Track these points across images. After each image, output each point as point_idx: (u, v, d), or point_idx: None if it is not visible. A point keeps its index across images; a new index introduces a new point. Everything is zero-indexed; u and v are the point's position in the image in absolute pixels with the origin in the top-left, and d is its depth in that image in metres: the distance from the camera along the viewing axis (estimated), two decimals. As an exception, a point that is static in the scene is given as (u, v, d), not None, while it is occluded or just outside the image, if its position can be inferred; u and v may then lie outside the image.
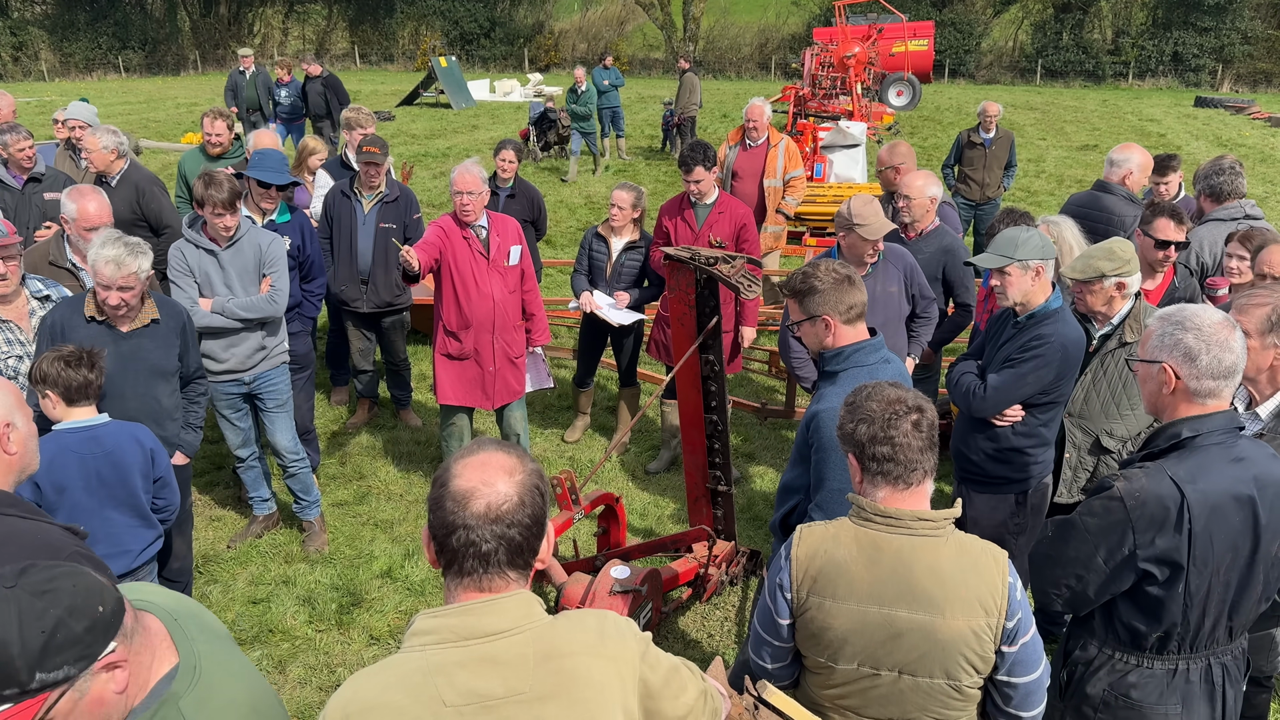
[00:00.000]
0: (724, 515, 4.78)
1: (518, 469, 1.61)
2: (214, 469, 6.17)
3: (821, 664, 2.32)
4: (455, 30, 43.45)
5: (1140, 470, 2.51)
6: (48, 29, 40.92)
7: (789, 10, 42.06)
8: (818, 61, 20.70)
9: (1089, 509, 2.57)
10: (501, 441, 1.67)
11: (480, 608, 1.57)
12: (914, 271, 4.89)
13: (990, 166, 9.79)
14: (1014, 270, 3.64)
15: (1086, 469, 4.07)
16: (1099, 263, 3.81)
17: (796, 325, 3.16)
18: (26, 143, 6.08)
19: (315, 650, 4.47)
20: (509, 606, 1.59)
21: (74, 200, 4.55)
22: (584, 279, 6.13)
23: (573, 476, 4.56)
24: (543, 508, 1.63)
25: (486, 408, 5.51)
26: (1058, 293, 3.74)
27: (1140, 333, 3.89)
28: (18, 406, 2.30)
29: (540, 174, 16.56)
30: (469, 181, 5.14)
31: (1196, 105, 28.47)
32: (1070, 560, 2.58)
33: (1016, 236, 3.66)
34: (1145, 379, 2.61)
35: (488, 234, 5.29)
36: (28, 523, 2.17)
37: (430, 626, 1.57)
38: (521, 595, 1.61)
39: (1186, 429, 2.49)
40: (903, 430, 2.20)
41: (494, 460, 1.61)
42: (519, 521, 1.58)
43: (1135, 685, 2.59)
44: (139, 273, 3.81)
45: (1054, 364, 3.64)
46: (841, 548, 2.25)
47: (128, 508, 3.52)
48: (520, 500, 1.58)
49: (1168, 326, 2.52)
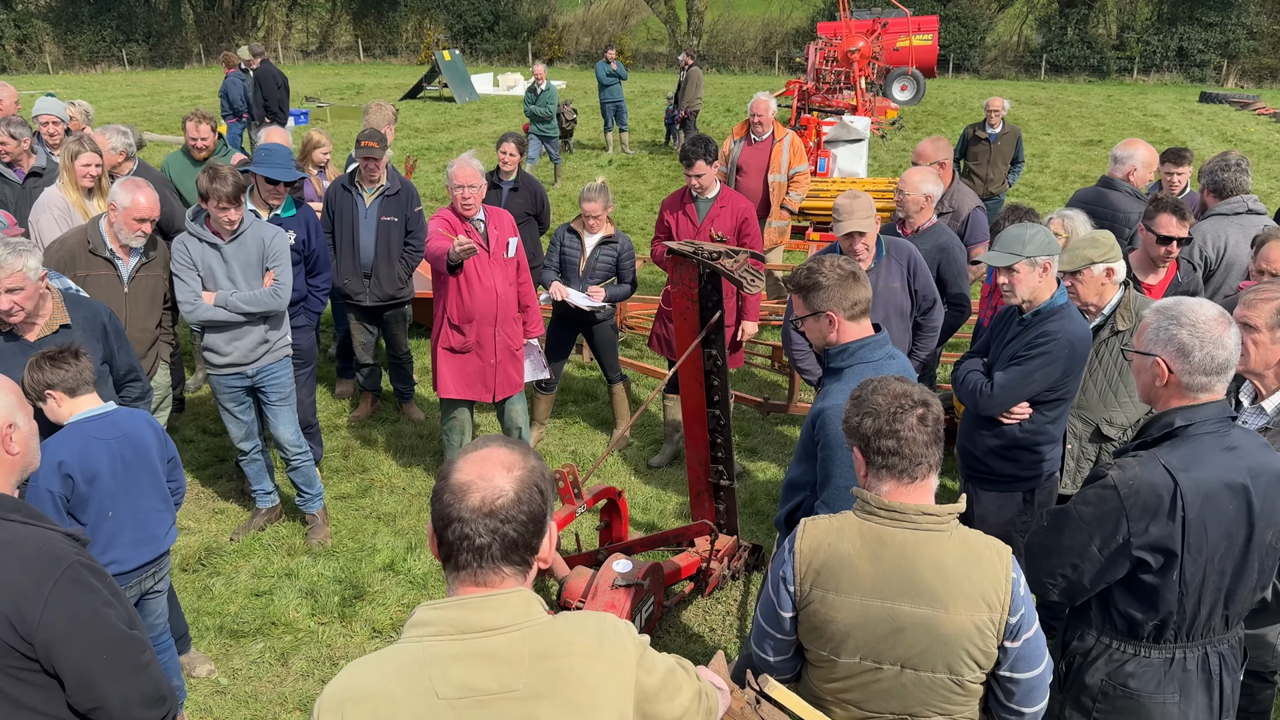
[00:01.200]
0: (726, 510, 4.78)
1: (517, 465, 1.61)
2: (217, 462, 6.19)
3: (824, 657, 2.32)
4: (459, 24, 43.41)
5: (1134, 459, 2.54)
6: (52, 21, 40.91)
7: (793, 4, 41.96)
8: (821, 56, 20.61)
9: (1083, 498, 2.59)
10: (508, 439, 1.67)
11: (479, 602, 1.57)
12: (917, 266, 4.82)
13: (995, 162, 9.78)
14: (1022, 268, 3.64)
15: (1089, 458, 4.09)
16: (1085, 251, 3.91)
17: (800, 320, 3.16)
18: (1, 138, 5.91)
19: (318, 643, 4.49)
20: (508, 603, 1.59)
21: (128, 191, 4.54)
22: (553, 273, 6.10)
23: (575, 470, 4.56)
24: (542, 505, 1.62)
25: (488, 400, 5.51)
26: (1063, 289, 3.74)
27: (1131, 320, 3.93)
28: (19, 406, 2.28)
29: (543, 168, 16.54)
30: (468, 175, 5.14)
31: (1201, 101, 28.41)
32: (1065, 549, 2.60)
33: (1023, 234, 3.66)
34: (1139, 370, 2.64)
35: (486, 227, 5.30)
36: (31, 529, 2.14)
37: (429, 618, 1.58)
38: (521, 593, 1.61)
39: (1179, 418, 2.52)
40: (908, 424, 2.21)
41: (494, 456, 1.61)
42: (513, 517, 1.57)
43: (1133, 675, 2.61)
44: (26, 272, 3.58)
45: (1061, 360, 3.62)
46: (845, 541, 2.26)
47: (152, 491, 3.53)
48: (516, 496, 1.58)
49: (1162, 320, 2.54)
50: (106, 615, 2.18)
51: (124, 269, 4.72)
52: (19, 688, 2.09)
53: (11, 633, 2.05)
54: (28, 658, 2.08)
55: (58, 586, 2.09)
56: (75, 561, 2.15)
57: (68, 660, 2.11)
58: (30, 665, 2.09)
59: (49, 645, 2.08)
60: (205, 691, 4.16)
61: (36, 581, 2.07)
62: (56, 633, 2.08)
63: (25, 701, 2.10)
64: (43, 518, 2.22)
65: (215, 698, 4.14)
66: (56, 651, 2.09)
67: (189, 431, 6.55)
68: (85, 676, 2.13)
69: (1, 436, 2.22)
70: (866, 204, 4.52)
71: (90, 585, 2.16)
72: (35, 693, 2.11)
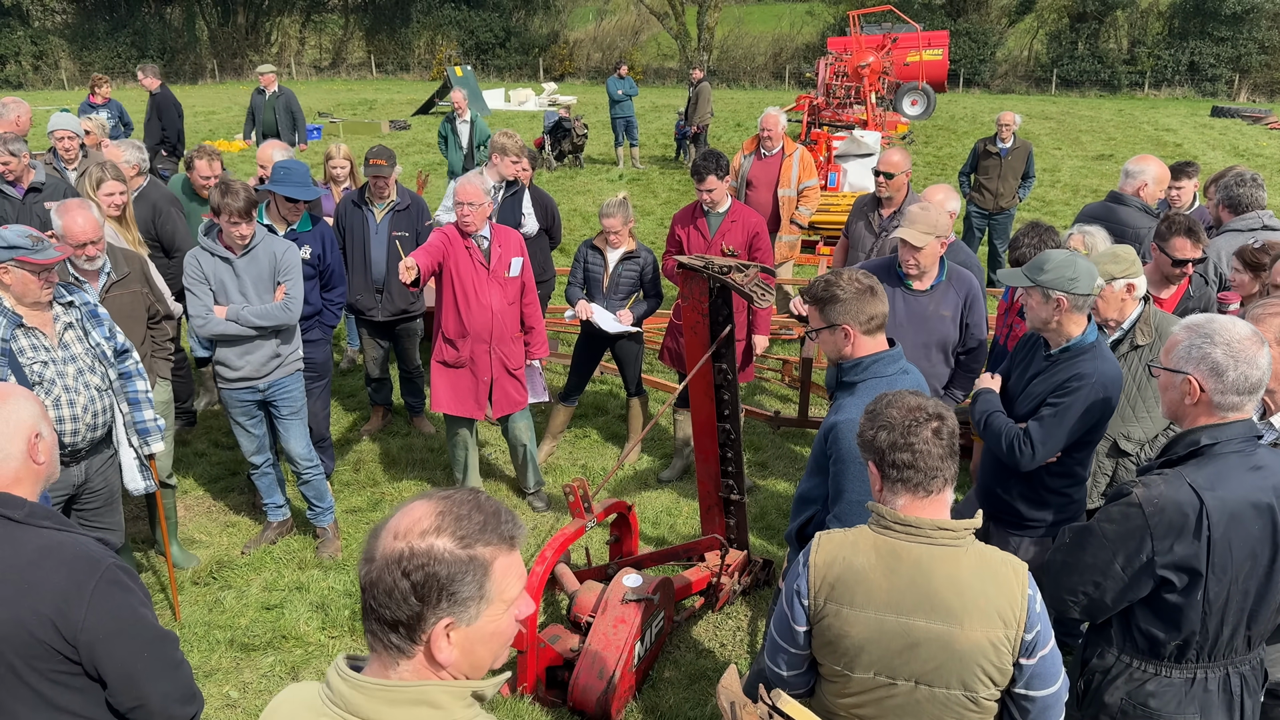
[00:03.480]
0: (736, 524, 4.77)
1: (403, 535, 1.41)
2: (228, 475, 6.20)
3: (837, 672, 2.31)
4: (471, 40, 43.71)
5: (1159, 477, 2.51)
6: (67, 38, 41.34)
7: (803, 20, 42.11)
8: (832, 71, 20.67)
9: (1107, 516, 2.56)
10: (444, 491, 1.49)
11: (374, 689, 1.40)
12: (974, 300, 4.45)
13: (1005, 176, 9.77)
14: (1036, 294, 3.43)
15: (1105, 473, 4.05)
16: (1106, 267, 3.80)
17: (815, 333, 3.15)
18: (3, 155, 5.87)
19: (328, 656, 4.48)
20: (403, 699, 1.40)
21: (60, 216, 4.42)
22: (579, 290, 6.12)
23: (585, 484, 4.55)
24: (408, 591, 1.38)
25: (479, 417, 5.50)
26: (1093, 326, 3.49)
27: (1150, 335, 3.87)
28: (43, 416, 2.34)
29: (554, 182, 16.60)
30: (470, 193, 5.14)
31: (1213, 115, 28.33)
32: (1087, 567, 2.57)
33: (1045, 260, 3.41)
34: (1167, 387, 2.60)
35: (489, 244, 5.29)
36: (64, 534, 2.20)
37: (334, 685, 1.44)
38: (421, 691, 1.41)
39: (1206, 436, 2.49)
40: (923, 437, 2.20)
41: (397, 520, 1.44)
42: (375, 590, 1.41)
43: (1154, 694, 2.58)
44: None
45: (1097, 406, 3.37)
46: (860, 555, 2.25)
47: None
48: (379, 569, 1.41)
49: (1195, 338, 2.51)
50: (144, 615, 2.24)
51: (92, 292, 4.54)
52: (58, 691, 2.14)
53: (56, 635, 2.09)
54: (70, 660, 2.12)
55: (98, 588, 2.14)
56: (112, 564, 2.20)
57: (111, 660, 2.15)
58: (71, 668, 2.14)
59: (92, 646, 2.13)
60: (216, 704, 4.16)
61: (78, 584, 2.12)
62: (100, 633, 2.13)
63: (64, 705, 2.15)
64: (70, 524, 2.27)
65: (226, 711, 4.14)
66: (100, 652, 2.14)
67: (201, 445, 6.57)
68: (128, 675, 2.18)
69: (29, 446, 2.27)
70: (932, 220, 4.20)
71: (127, 586, 2.22)
72: (74, 696, 2.16)
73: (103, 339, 4.08)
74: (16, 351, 3.80)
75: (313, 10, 46.63)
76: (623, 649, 3.93)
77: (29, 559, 2.12)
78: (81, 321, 4.05)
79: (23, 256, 3.69)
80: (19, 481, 2.24)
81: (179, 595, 4.88)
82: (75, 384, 3.92)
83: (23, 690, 2.11)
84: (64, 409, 3.88)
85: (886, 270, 4.41)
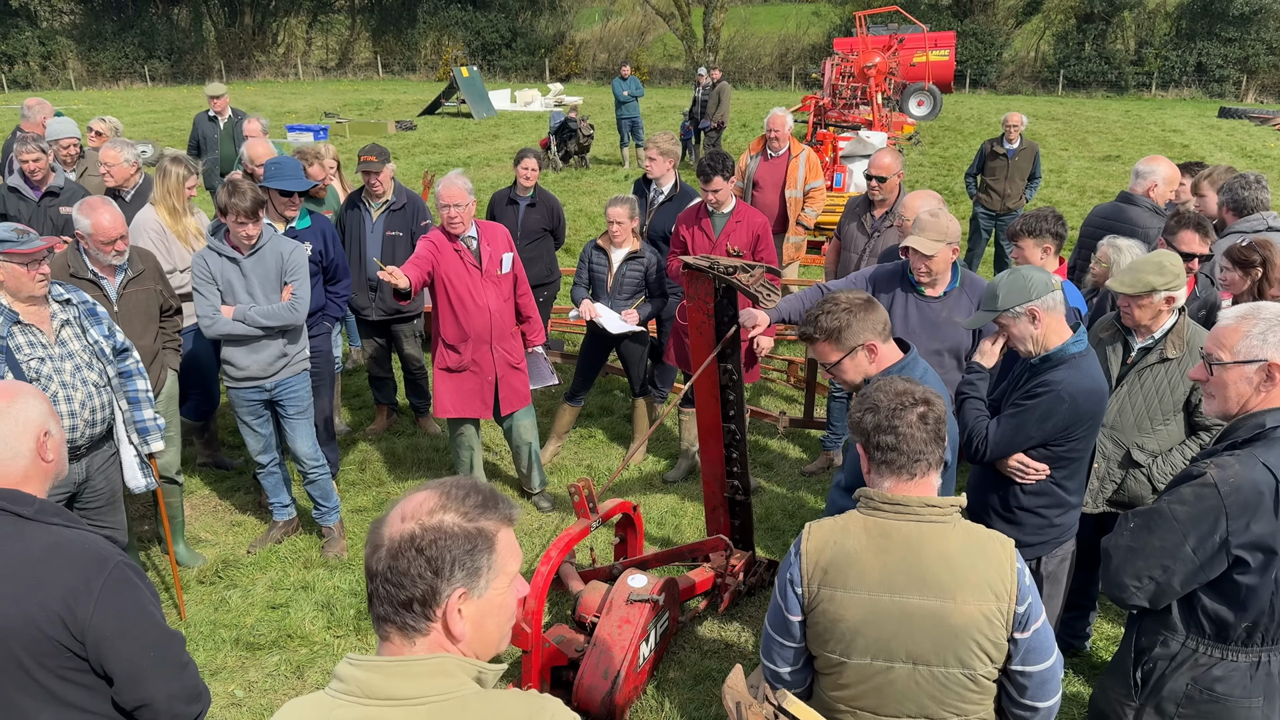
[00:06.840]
0: (742, 525, 4.77)
1: (411, 517, 1.49)
2: (234, 474, 6.22)
3: (833, 662, 2.32)
4: (477, 40, 43.79)
5: (1232, 457, 2.51)
6: (75, 38, 41.50)
7: (809, 20, 42.09)
8: (838, 71, 20.66)
9: (1178, 497, 2.54)
10: (444, 482, 1.55)
11: (391, 667, 1.46)
12: None
13: (1012, 177, 9.76)
14: (1006, 320, 3.34)
15: (1114, 480, 3.99)
16: (1149, 277, 3.66)
17: (836, 365, 3.05)
18: (31, 155, 5.98)
19: (334, 656, 4.49)
20: (421, 672, 1.45)
21: (86, 215, 4.47)
22: (583, 290, 6.14)
23: (590, 485, 4.55)
24: (423, 566, 1.45)
25: (486, 416, 5.50)
26: (1081, 334, 3.33)
27: (1181, 349, 3.76)
28: (51, 414, 2.35)
29: (560, 183, 16.61)
30: (454, 194, 5.11)
31: (1220, 116, 28.28)
32: (1156, 550, 2.55)
33: (995, 288, 3.34)
34: (1234, 380, 2.57)
35: (478, 244, 5.28)
36: (73, 531, 2.21)
37: (345, 674, 1.48)
38: (432, 662, 1.46)
39: (1270, 419, 2.51)
40: (908, 421, 2.25)
41: (403, 506, 1.51)
42: (385, 574, 1.47)
43: (1220, 679, 2.58)
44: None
45: (1058, 415, 3.22)
46: (851, 537, 2.28)
47: None
48: (391, 551, 1.47)
49: (1263, 325, 2.52)
50: (152, 613, 2.25)
51: (110, 287, 4.65)
52: (66, 688, 2.15)
53: (64, 632, 2.10)
54: (78, 656, 2.14)
55: (106, 586, 2.15)
56: (120, 561, 2.22)
57: (118, 657, 2.16)
58: (79, 665, 2.15)
59: (100, 643, 2.14)
60: (222, 703, 4.17)
61: (87, 581, 2.13)
62: (107, 630, 2.14)
63: (72, 701, 2.16)
64: (79, 521, 2.28)
65: (231, 709, 4.15)
66: (107, 649, 2.15)
67: (207, 444, 6.58)
68: (134, 673, 2.18)
69: (38, 444, 2.28)
70: (942, 227, 4.11)
71: (135, 584, 2.23)
72: (82, 693, 2.17)
73: (101, 337, 4.09)
74: (13, 348, 3.82)
75: (319, 11, 46.78)
76: (628, 649, 3.93)
77: (38, 556, 2.13)
78: (79, 319, 4.06)
79: (9, 249, 3.71)
80: (28, 479, 2.26)
81: (185, 594, 4.89)
82: (72, 380, 3.93)
83: (31, 686, 2.12)
84: (61, 405, 3.88)
85: (897, 277, 4.38)
